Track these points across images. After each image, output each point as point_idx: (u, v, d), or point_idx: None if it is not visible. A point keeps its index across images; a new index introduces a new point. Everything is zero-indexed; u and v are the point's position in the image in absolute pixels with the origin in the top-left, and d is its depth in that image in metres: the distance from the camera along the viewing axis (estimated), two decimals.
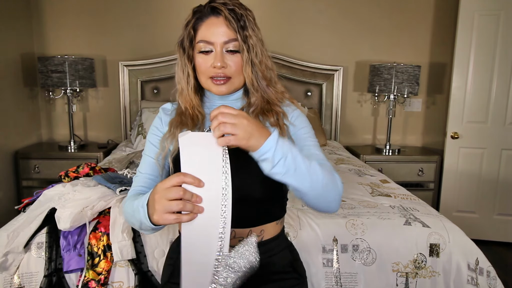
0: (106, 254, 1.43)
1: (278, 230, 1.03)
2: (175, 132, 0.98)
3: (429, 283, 1.52)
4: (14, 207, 1.85)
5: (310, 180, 0.81)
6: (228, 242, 0.79)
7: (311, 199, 0.85)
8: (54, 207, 1.51)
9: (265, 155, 0.78)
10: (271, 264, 0.99)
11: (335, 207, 0.89)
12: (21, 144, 3.01)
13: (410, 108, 3.39)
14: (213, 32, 0.93)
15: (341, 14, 3.26)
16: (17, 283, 1.41)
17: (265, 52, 0.98)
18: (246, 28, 0.93)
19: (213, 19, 0.94)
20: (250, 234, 0.94)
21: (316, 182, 0.82)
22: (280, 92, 1.02)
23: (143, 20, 3.19)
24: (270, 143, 0.77)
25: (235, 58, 0.94)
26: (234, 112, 0.76)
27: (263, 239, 0.98)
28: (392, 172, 2.98)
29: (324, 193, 0.84)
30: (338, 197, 0.87)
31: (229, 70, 0.95)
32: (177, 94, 1.04)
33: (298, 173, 0.80)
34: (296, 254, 1.10)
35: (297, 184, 0.81)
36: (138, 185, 1.00)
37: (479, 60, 2.91)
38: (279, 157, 0.78)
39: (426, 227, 1.57)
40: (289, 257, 1.04)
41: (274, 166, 0.78)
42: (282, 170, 0.79)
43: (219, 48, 0.93)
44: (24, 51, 3.04)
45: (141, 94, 3.23)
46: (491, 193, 3.02)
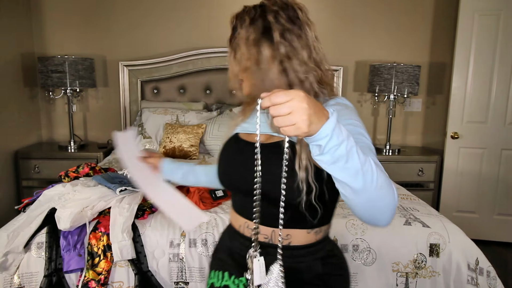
0: (106, 254, 1.43)
1: (311, 239, 0.96)
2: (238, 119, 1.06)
3: (429, 283, 1.52)
4: (14, 207, 1.85)
5: (363, 178, 0.68)
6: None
7: (361, 203, 0.71)
8: (54, 207, 1.51)
9: (319, 141, 0.66)
10: (298, 270, 0.96)
11: (388, 218, 0.74)
12: (21, 144, 3.01)
13: (410, 108, 3.39)
14: None
15: (341, 14, 3.26)
16: (17, 283, 1.41)
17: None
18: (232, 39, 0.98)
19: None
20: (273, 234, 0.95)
21: (371, 181, 0.68)
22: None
23: (143, 20, 3.19)
24: (327, 130, 0.65)
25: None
26: (285, 98, 0.63)
27: (291, 244, 0.95)
28: (392, 172, 2.98)
29: (378, 197, 0.70)
30: (393, 206, 0.73)
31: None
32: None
33: (350, 167, 0.67)
34: (335, 269, 1.00)
35: (345, 178, 0.68)
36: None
37: (479, 60, 2.91)
38: (332, 145, 0.66)
39: (426, 227, 1.57)
40: (319, 268, 0.97)
41: (323, 153, 0.67)
42: (330, 159, 0.67)
43: None
44: (24, 51, 3.04)
45: (141, 94, 3.23)
46: (491, 193, 3.02)
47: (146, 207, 1.63)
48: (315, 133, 0.65)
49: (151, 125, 2.92)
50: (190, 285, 1.52)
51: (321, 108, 0.66)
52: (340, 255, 1.05)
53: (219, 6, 3.16)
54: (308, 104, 0.63)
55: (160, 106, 3.07)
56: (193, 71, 3.15)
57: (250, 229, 0.97)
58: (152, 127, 2.92)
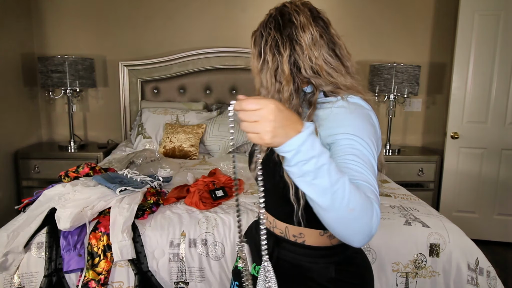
0: (106, 254, 1.43)
1: (326, 242, 0.96)
2: None
3: (429, 283, 1.52)
4: (14, 207, 1.85)
5: (332, 197, 0.67)
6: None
7: (328, 220, 0.70)
8: (54, 207, 1.51)
9: (284, 154, 0.67)
10: (310, 270, 0.96)
11: (360, 241, 0.71)
12: (21, 144, 3.01)
13: (410, 108, 3.39)
14: None
15: (340, 14, 3.26)
16: (17, 283, 1.41)
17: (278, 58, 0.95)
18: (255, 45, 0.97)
19: None
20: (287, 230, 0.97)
21: (340, 202, 0.67)
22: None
23: (143, 20, 3.19)
24: (292, 145, 0.65)
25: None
26: (254, 107, 0.64)
27: (305, 242, 0.97)
28: (392, 172, 2.97)
29: (348, 219, 0.69)
30: (367, 230, 0.70)
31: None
32: None
33: (317, 184, 0.67)
34: (350, 277, 0.98)
35: (311, 194, 0.68)
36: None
37: (479, 60, 2.91)
38: (299, 160, 0.66)
39: (426, 227, 1.57)
40: (331, 273, 0.96)
41: (290, 165, 0.68)
42: (297, 172, 0.67)
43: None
44: (24, 51, 3.04)
45: (141, 94, 3.23)
46: (491, 193, 3.02)
47: (146, 207, 1.63)
48: (280, 146, 0.66)
49: (151, 125, 2.92)
50: (190, 285, 1.52)
51: (293, 121, 0.66)
52: (363, 265, 1.01)
53: (219, 6, 3.16)
54: (275, 117, 0.64)
55: (160, 106, 3.07)
56: (193, 71, 3.15)
57: (269, 222, 1.03)
58: (152, 127, 2.92)
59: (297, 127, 0.66)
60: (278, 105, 0.65)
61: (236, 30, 3.15)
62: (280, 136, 0.65)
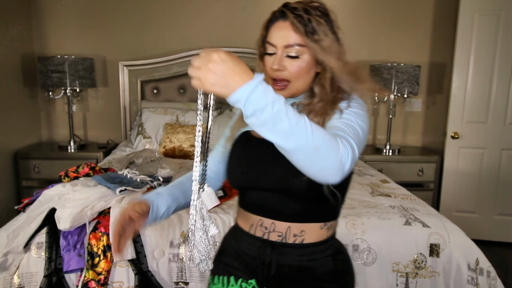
0: (106, 254, 1.43)
1: (323, 236, 0.98)
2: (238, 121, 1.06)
3: (429, 283, 1.52)
4: (14, 207, 1.85)
5: (296, 139, 0.69)
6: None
7: (298, 162, 0.73)
8: (54, 207, 1.51)
9: (236, 104, 0.69)
10: (310, 269, 0.97)
11: (334, 176, 0.74)
12: (21, 144, 3.01)
13: (410, 108, 3.39)
14: (277, 35, 0.94)
15: (340, 14, 3.24)
16: (17, 283, 1.41)
17: (343, 54, 0.99)
18: (315, 32, 0.92)
19: (280, 23, 0.94)
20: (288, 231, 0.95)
21: (305, 142, 0.70)
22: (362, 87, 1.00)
23: (143, 20, 3.19)
24: (240, 94, 0.68)
25: (296, 62, 0.94)
26: (202, 54, 0.69)
27: (304, 241, 0.96)
28: (392, 172, 2.97)
29: (316, 157, 0.71)
30: (337, 164, 0.73)
31: (286, 73, 0.94)
32: None
33: (278, 129, 0.69)
34: (343, 264, 1.03)
35: (276, 140, 0.70)
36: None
37: (479, 60, 2.91)
38: (253, 109, 0.68)
39: (426, 227, 1.57)
40: (330, 265, 0.99)
41: (247, 116, 0.69)
42: (256, 122, 0.69)
43: (280, 51, 0.94)
44: (24, 51, 3.04)
45: (141, 94, 3.23)
46: (491, 193, 3.02)
47: None
48: (227, 96, 0.69)
49: (151, 125, 2.92)
50: (190, 285, 1.52)
51: (237, 72, 0.68)
52: (346, 252, 1.07)
53: (219, 6, 3.16)
54: (215, 67, 0.68)
55: (160, 106, 3.07)
56: None
57: (263, 227, 0.97)
58: (152, 127, 2.92)
59: (244, 77, 0.69)
60: (220, 55, 0.68)
61: (236, 30, 3.14)
62: (219, 85, 0.69)
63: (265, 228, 0.98)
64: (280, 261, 0.97)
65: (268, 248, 0.97)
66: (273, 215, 0.97)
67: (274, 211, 0.97)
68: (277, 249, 0.96)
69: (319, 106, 0.95)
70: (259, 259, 0.98)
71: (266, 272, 0.98)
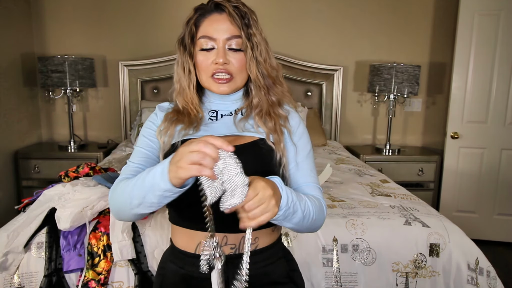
0: (106, 254, 1.43)
1: (274, 238, 0.99)
2: (170, 127, 0.96)
3: (429, 283, 1.52)
4: (14, 207, 1.85)
5: (302, 222, 0.86)
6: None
7: (297, 230, 0.93)
8: (54, 207, 1.51)
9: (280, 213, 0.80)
10: (266, 274, 0.95)
11: (317, 230, 0.97)
12: (21, 144, 3.01)
13: (410, 108, 3.39)
14: (216, 28, 0.92)
15: (341, 14, 3.26)
16: (17, 283, 1.41)
17: (269, 51, 0.97)
18: (250, 26, 0.92)
19: (216, 16, 0.93)
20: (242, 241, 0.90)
21: (307, 221, 0.87)
22: (286, 92, 1.01)
23: (143, 20, 3.19)
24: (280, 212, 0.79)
25: (238, 55, 0.93)
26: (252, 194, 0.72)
27: (258, 248, 0.94)
28: (392, 172, 2.97)
29: (311, 226, 0.91)
30: (322, 223, 0.95)
31: (231, 67, 0.93)
32: (174, 94, 1.01)
33: (292, 219, 0.84)
34: (294, 264, 1.06)
35: (289, 225, 0.86)
36: (127, 173, 0.95)
37: (479, 60, 2.90)
38: (282, 216, 0.81)
39: (426, 227, 1.57)
40: (285, 267, 1.00)
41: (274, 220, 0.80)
42: (279, 220, 0.82)
43: (221, 44, 0.92)
44: (24, 51, 3.04)
45: (141, 94, 3.23)
46: (491, 193, 3.02)
47: None
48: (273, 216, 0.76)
49: None
50: None
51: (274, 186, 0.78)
52: (290, 252, 1.09)
53: None
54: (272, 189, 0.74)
55: None
56: None
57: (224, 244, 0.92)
58: None
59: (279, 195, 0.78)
60: (262, 180, 0.75)
61: None
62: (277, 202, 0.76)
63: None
64: (236, 274, 0.87)
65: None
66: (224, 229, 0.90)
67: (226, 224, 0.88)
68: (231, 263, 0.89)
69: (264, 107, 0.96)
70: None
71: None
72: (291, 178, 0.97)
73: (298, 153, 0.97)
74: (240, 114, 1.00)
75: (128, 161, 1.00)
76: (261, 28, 0.96)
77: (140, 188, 0.81)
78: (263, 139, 0.95)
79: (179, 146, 0.85)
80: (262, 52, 0.94)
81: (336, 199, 1.84)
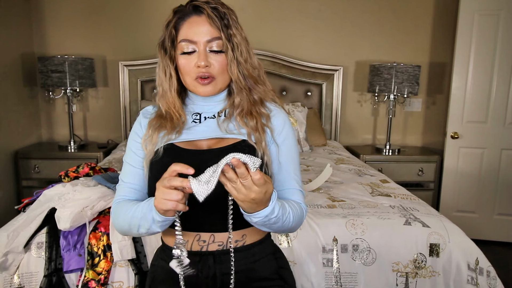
0: (106, 254, 1.43)
1: (262, 234, 0.99)
2: (153, 135, 0.97)
3: (429, 283, 1.52)
4: (14, 207, 1.85)
5: (282, 228, 0.89)
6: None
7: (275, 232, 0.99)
8: (54, 207, 1.51)
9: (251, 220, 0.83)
10: (254, 270, 0.95)
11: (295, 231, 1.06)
12: (21, 144, 3.01)
13: (410, 108, 3.39)
14: (196, 31, 0.92)
15: (341, 14, 3.26)
16: (17, 283, 1.41)
17: (250, 51, 0.97)
18: (230, 27, 0.92)
19: (195, 18, 0.93)
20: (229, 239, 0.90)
21: (287, 226, 0.90)
22: (269, 90, 1.01)
23: (143, 20, 3.19)
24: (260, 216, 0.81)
25: (219, 57, 0.93)
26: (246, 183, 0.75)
27: (245, 244, 0.95)
28: (392, 172, 2.97)
29: (289, 230, 0.95)
30: (298, 228, 0.97)
31: (213, 69, 0.93)
32: (157, 97, 1.02)
33: (273, 227, 0.87)
34: (284, 262, 1.06)
35: (268, 230, 0.90)
36: (122, 194, 0.98)
37: (479, 60, 2.90)
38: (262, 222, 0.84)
39: (426, 227, 1.57)
40: (274, 264, 1.00)
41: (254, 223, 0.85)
42: (260, 227, 0.86)
43: (202, 47, 0.92)
44: (24, 51, 3.04)
45: (141, 94, 3.23)
46: (491, 193, 3.02)
47: None
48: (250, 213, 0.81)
49: None
50: None
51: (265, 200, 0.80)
52: (281, 251, 1.09)
53: None
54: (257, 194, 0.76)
55: None
56: None
57: (201, 241, 0.93)
58: None
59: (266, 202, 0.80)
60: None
61: None
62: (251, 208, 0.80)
63: (203, 242, 0.94)
64: (224, 270, 0.92)
65: (210, 260, 0.93)
66: (212, 229, 0.93)
67: (214, 225, 0.93)
68: (218, 258, 0.93)
69: (245, 106, 0.97)
70: (201, 273, 0.93)
71: (212, 285, 0.94)
72: (274, 177, 0.97)
73: (281, 153, 0.97)
74: (223, 116, 1.00)
75: (120, 178, 1.02)
76: (241, 27, 0.96)
77: (143, 221, 0.87)
78: (245, 140, 0.95)
79: (161, 152, 0.94)
80: (242, 52, 0.94)
81: (336, 199, 1.84)
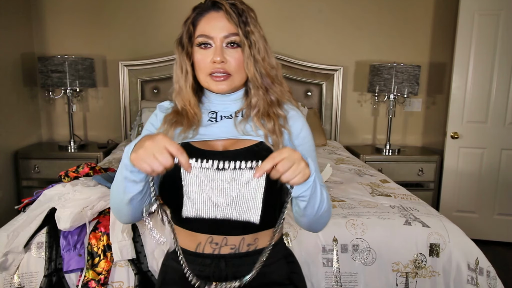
0: (106, 254, 1.43)
1: (274, 238, 0.96)
2: (169, 130, 0.96)
3: (429, 283, 1.52)
4: (14, 207, 1.85)
5: (320, 207, 0.88)
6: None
7: (307, 224, 0.93)
8: (54, 207, 1.51)
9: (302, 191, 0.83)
10: (266, 274, 0.94)
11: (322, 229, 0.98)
12: (21, 144, 3.01)
13: (410, 108, 3.39)
14: (213, 26, 0.91)
15: (341, 14, 3.26)
16: (17, 283, 1.41)
17: (268, 50, 0.95)
18: (247, 24, 0.91)
19: (214, 14, 0.92)
20: (242, 242, 0.90)
21: (321, 209, 0.88)
22: (286, 91, 0.99)
23: (143, 20, 3.19)
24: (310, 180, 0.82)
25: (236, 53, 0.91)
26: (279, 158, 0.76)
27: (257, 248, 0.94)
28: (392, 172, 2.97)
29: (320, 219, 0.91)
30: (328, 220, 0.96)
31: (228, 65, 0.91)
32: (174, 94, 1.01)
33: (316, 197, 0.86)
34: (296, 266, 1.05)
35: (309, 211, 0.87)
36: None
37: (479, 60, 2.90)
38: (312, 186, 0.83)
39: (426, 227, 1.57)
40: (285, 268, 0.99)
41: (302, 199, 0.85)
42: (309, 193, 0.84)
43: (219, 42, 0.91)
44: (24, 51, 3.04)
45: (141, 94, 3.23)
46: (491, 193, 3.01)
47: None
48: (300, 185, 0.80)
49: None
50: None
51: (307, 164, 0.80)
52: (294, 255, 1.07)
53: None
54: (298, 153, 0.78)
55: None
56: None
57: (214, 244, 0.92)
58: None
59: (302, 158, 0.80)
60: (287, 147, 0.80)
61: None
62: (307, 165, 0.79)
63: (215, 244, 0.92)
64: (236, 274, 0.91)
65: (221, 263, 0.92)
66: (225, 232, 0.92)
67: (227, 227, 0.90)
68: (230, 262, 0.92)
69: (261, 107, 0.96)
70: (213, 277, 0.92)
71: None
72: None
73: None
74: (241, 116, 0.99)
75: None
76: (260, 26, 0.95)
77: (118, 174, 0.86)
78: (262, 142, 0.94)
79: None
80: (260, 50, 0.92)
81: (336, 199, 1.84)
